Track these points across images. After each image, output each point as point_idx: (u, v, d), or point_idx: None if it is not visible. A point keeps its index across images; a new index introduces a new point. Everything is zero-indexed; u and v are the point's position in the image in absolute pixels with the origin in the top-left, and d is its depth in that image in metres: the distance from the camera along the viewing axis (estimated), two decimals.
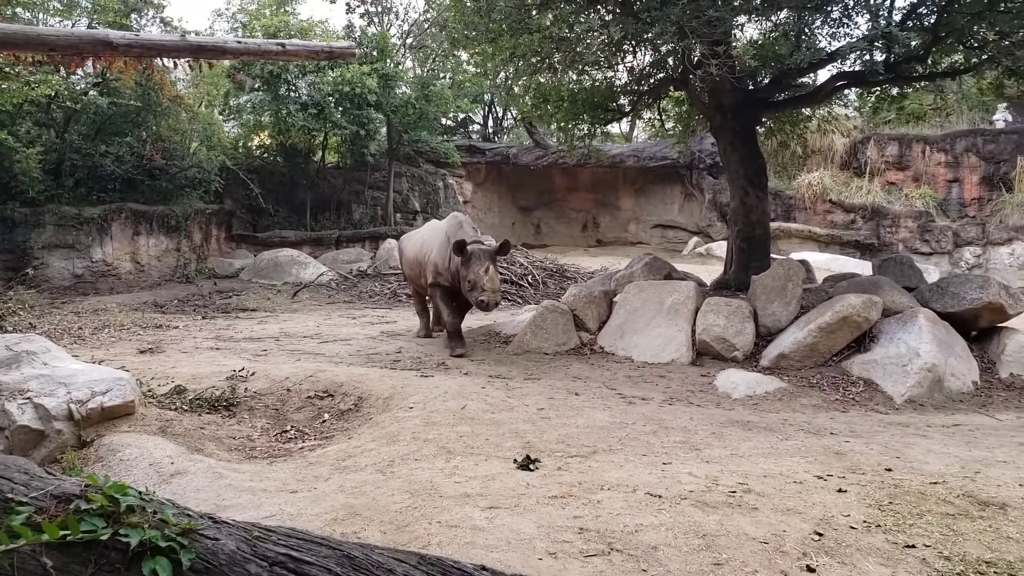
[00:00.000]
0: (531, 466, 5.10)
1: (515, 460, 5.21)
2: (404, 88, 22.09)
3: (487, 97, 28.50)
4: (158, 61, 5.95)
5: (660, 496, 4.53)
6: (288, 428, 6.74)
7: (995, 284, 9.50)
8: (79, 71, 15.93)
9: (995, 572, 3.65)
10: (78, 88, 18.61)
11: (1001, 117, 22.53)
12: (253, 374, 7.82)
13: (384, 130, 22.80)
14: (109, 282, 18.13)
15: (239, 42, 5.83)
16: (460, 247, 9.37)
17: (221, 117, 22.89)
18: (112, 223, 18.49)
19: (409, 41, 25.78)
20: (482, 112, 31.43)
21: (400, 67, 22.83)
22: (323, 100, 19.66)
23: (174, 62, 5.94)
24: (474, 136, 30.70)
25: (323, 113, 19.71)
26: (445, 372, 8.76)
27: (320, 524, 4.02)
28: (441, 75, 23.89)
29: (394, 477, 4.90)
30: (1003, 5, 8.90)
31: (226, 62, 17.66)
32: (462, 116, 30.26)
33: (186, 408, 6.82)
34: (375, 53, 21.06)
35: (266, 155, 23.26)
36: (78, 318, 13.15)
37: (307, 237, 21.64)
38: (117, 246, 18.62)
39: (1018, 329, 9.70)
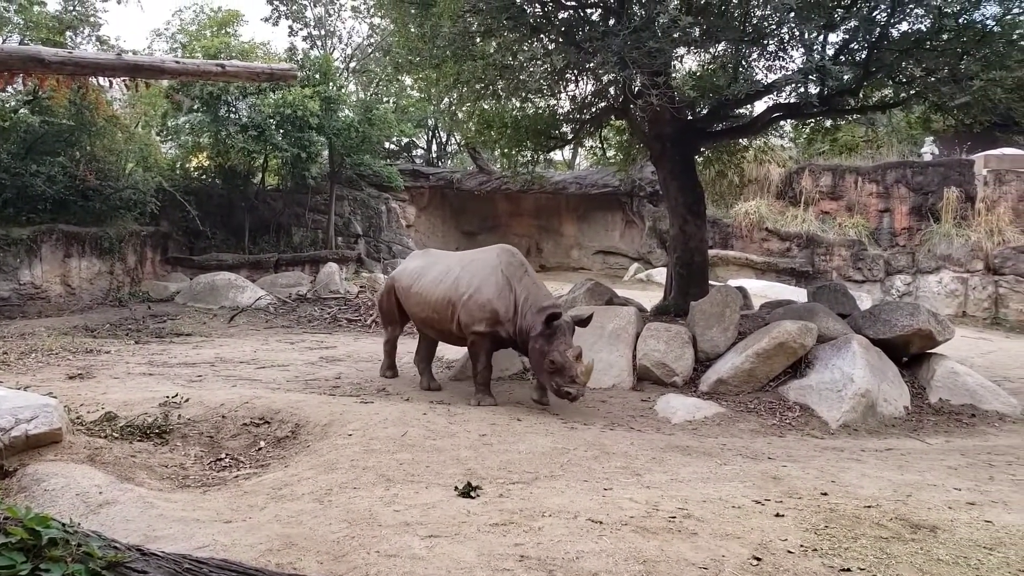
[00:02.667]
0: (472, 493, 5.05)
1: (456, 487, 5.15)
2: (347, 111, 21.99)
3: (431, 122, 28.56)
4: (93, 80, 5.81)
5: (601, 522, 4.52)
6: (223, 456, 6.56)
7: (925, 311, 9.81)
8: (9, 88, 15.47)
9: None
10: (8, 105, 18.07)
11: (928, 150, 23.38)
12: (187, 400, 7.61)
13: (326, 153, 22.65)
14: (38, 305, 17.52)
15: (178, 62, 5.74)
16: (553, 318, 7.82)
17: (158, 138, 22.46)
18: (42, 245, 17.91)
19: (352, 65, 25.71)
20: (426, 137, 31.46)
21: (343, 90, 22.74)
22: (264, 122, 19.46)
23: (110, 81, 5.81)
24: (418, 161, 30.68)
25: (264, 135, 19.50)
26: (386, 398, 8.66)
27: (255, 555, 3.91)
28: (385, 99, 23.87)
29: (332, 506, 4.80)
30: (929, 43, 9.27)
31: (164, 82, 17.38)
32: (406, 140, 30.26)
33: (116, 436, 6.59)
34: (317, 76, 20.94)
35: (204, 177, 22.88)
36: (3, 343, 12.67)
37: (245, 260, 21.28)
38: (47, 268, 18.03)
39: (946, 355, 10.01)
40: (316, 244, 23.03)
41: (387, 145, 27.32)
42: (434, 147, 31.80)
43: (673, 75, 10.75)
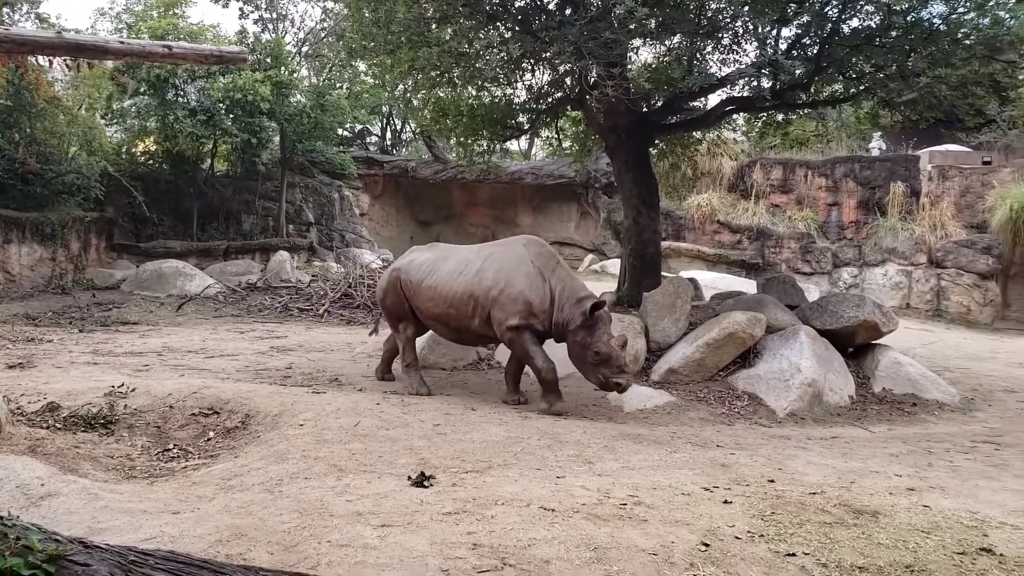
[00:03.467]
0: (425, 483, 5.04)
1: (409, 477, 5.14)
2: (299, 97, 21.67)
3: (385, 109, 28.28)
4: (32, 59, 5.64)
5: (553, 510, 4.55)
6: (171, 447, 6.45)
7: (870, 303, 10.03)
8: None
9: None
10: None
11: (876, 145, 23.89)
12: (133, 390, 7.46)
13: (277, 139, 22.31)
14: None
15: (122, 42, 5.60)
16: (597, 307, 7.54)
17: (103, 121, 21.87)
18: None
19: (305, 49, 25.34)
20: (380, 124, 31.16)
21: (295, 75, 22.40)
22: (213, 106, 19.09)
23: (49, 60, 5.64)
24: (372, 148, 30.39)
25: (213, 120, 19.13)
26: (338, 388, 8.59)
27: (203, 546, 3.86)
28: (338, 85, 23.57)
29: (283, 496, 4.76)
30: (878, 40, 9.45)
31: (109, 63, 16.93)
32: (359, 127, 29.92)
33: (59, 426, 6.44)
34: (269, 60, 20.60)
35: (151, 162, 22.38)
36: None
37: (194, 248, 20.89)
38: None
39: (890, 346, 10.26)
40: (267, 232, 22.70)
41: (340, 132, 26.97)
42: (388, 134, 31.53)
43: (629, 67, 10.79)
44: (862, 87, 10.48)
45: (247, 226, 22.75)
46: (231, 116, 19.48)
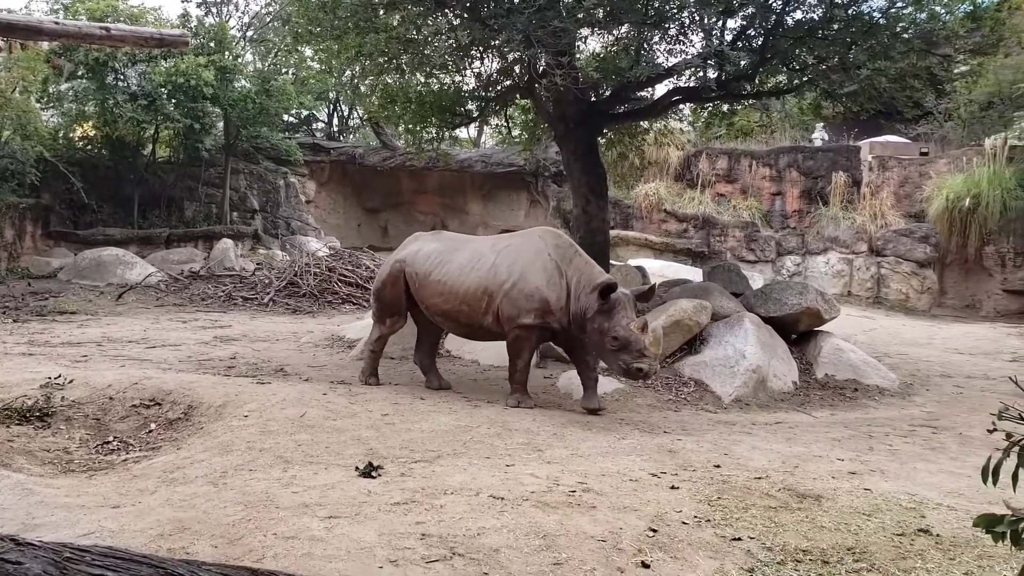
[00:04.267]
0: (373, 473, 5.00)
1: (357, 467, 5.10)
2: (243, 82, 21.24)
3: (332, 95, 27.89)
4: None
5: (503, 498, 4.55)
6: (110, 439, 6.30)
7: (813, 291, 10.24)
8: None
9: (810, 559, 3.91)
10: None
11: (819, 136, 24.32)
12: (71, 382, 7.25)
13: (221, 124, 21.85)
14: None
15: (57, 23, 5.41)
16: (609, 289, 7.12)
17: (39, 105, 21.16)
18: None
19: (250, 34, 24.85)
20: (327, 110, 30.73)
21: (239, 60, 21.95)
22: (155, 91, 18.61)
23: None
24: (318, 134, 29.95)
25: (154, 105, 18.65)
26: (284, 379, 8.48)
27: (144, 540, 3.77)
28: (283, 70, 23.17)
29: (227, 488, 4.68)
30: (821, 32, 9.61)
31: (44, 44, 16.39)
32: (305, 113, 29.45)
33: None
34: (212, 44, 20.14)
35: (90, 147, 21.73)
36: None
37: (134, 235, 20.38)
38: None
39: (832, 333, 10.48)
40: (210, 219, 22.24)
41: (286, 118, 26.52)
42: (335, 121, 31.11)
43: (577, 56, 10.80)
44: (805, 78, 10.66)
45: (190, 213, 22.27)
46: (173, 101, 19.02)
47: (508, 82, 11.46)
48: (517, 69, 10.76)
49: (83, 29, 5.65)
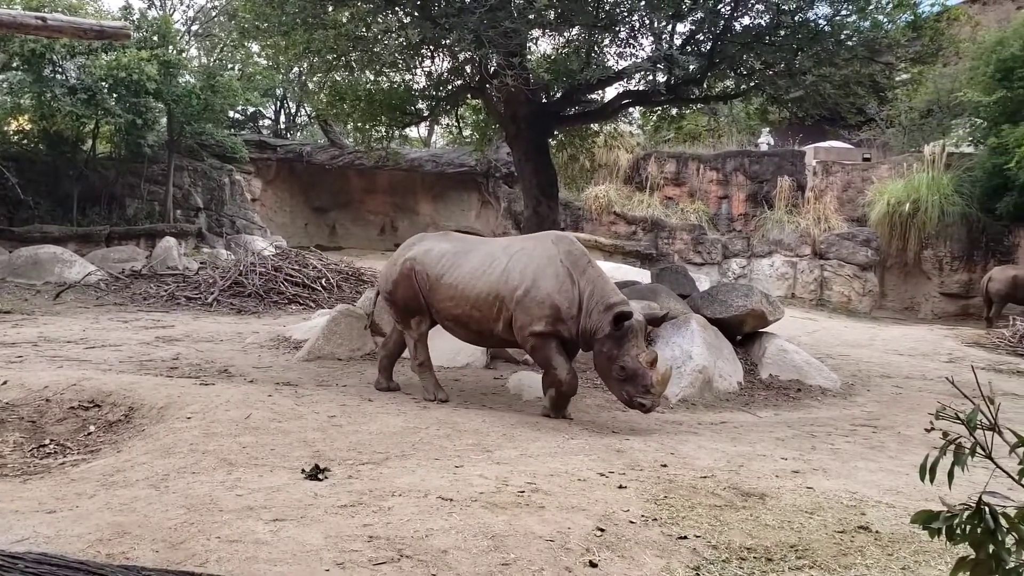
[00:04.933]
0: (320, 475, 4.93)
1: (303, 470, 5.02)
2: (188, 77, 20.82)
3: (279, 91, 27.52)
4: None
5: (451, 499, 4.52)
6: (47, 442, 6.10)
7: (758, 293, 10.41)
8: None
9: (755, 557, 3.95)
10: None
11: (765, 140, 24.79)
12: (5, 383, 7.01)
13: (164, 120, 21.39)
14: None
15: None
16: (623, 317, 6.82)
17: None
18: None
19: (195, 28, 24.39)
20: (274, 107, 30.34)
21: (184, 55, 21.51)
22: (95, 85, 18.10)
23: None
24: (265, 131, 29.54)
25: (94, 99, 18.15)
26: (228, 380, 8.31)
27: (82, 546, 3.66)
28: (229, 66, 22.78)
29: (169, 492, 4.56)
30: (768, 38, 9.78)
31: None
32: (252, 110, 29.04)
33: None
34: (155, 38, 19.70)
35: (26, 141, 21.07)
36: None
37: (73, 233, 19.80)
38: None
39: (777, 334, 10.66)
40: (152, 217, 21.75)
41: (232, 114, 26.11)
42: (282, 118, 30.73)
43: (528, 57, 10.83)
44: (752, 83, 10.85)
45: (131, 211, 21.74)
46: (114, 95, 18.54)
47: (459, 82, 11.44)
48: (468, 69, 10.75)
49: (17, 18, 5.45)
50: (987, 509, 1.97)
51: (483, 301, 7.40)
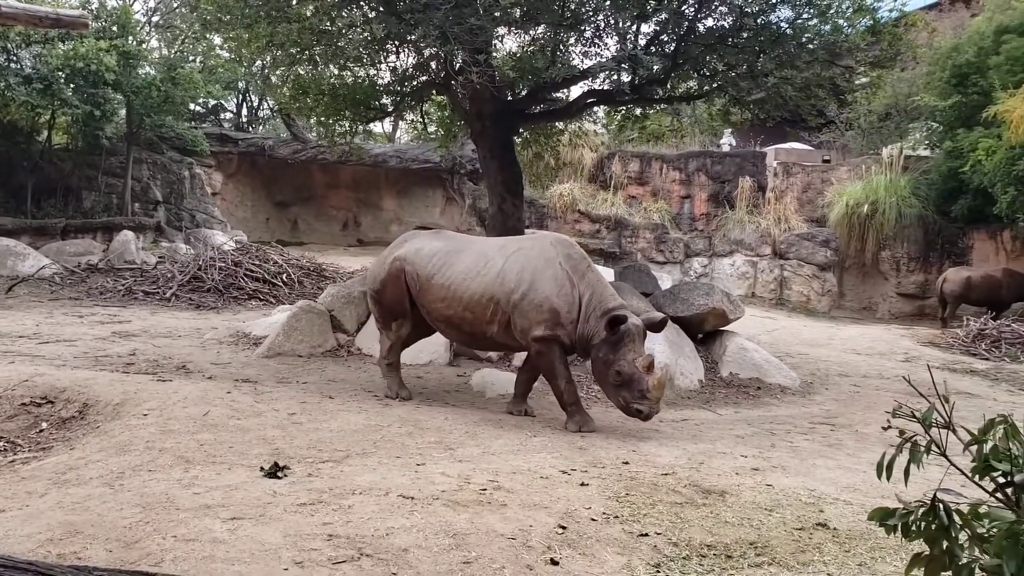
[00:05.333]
0: (279, 473, 4.88)
1: (262, 468, 4.96)
2: (148, 69, 20.45)
3: (242, 85, 27.16)
4: None
5: (413, 498, 4.50)
6: None
7: (719, 292, 10.51)
8: None
9: (715, 554, 3.99)
10: None
11: (727, 141, 25.05)
12: None
13: (123, 112, 20.99)
14: None
15: None
16: (617, 321, 6.65)
17: None
18: None
19: (155, 19, 23.97)
20: (236, 100, 29.94)
21: (144, 46, 21.11)
22: (51, 75, 17.69)
23: None
24: (226, 125, 29.14)
25: (51, 89, 17.74)
26: (186, 376, 8.19)
27: (32, 546, 3.58)
28: (191, 58, 22.43)
29: (124, 490, 4.48)
30: (731, 40, 9.87)
31: None
32: (213, 103, 28.61)
33: None
34: (115, 28, 19.31)
35: None
36: None
37: (27, 225, 19.35)
38: None
39: (737, 333, 10.78)
40: (110, 210, 21.33)
41: (193, 107, 25.70)
42: (244, 111, 30.33)
43: (494, 54, 10.80)
44: (715, 85, 10.94)
45: (88, 203, 21.31)
46: (71, 86, 18.14)
47: (424, 77, 11.38)
48: (433, 65, 10.70)
49: None
50: (941, 506, 2.01)
51: (476, 303, 7.19)
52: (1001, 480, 2.02)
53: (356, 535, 3.91)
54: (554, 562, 3.76)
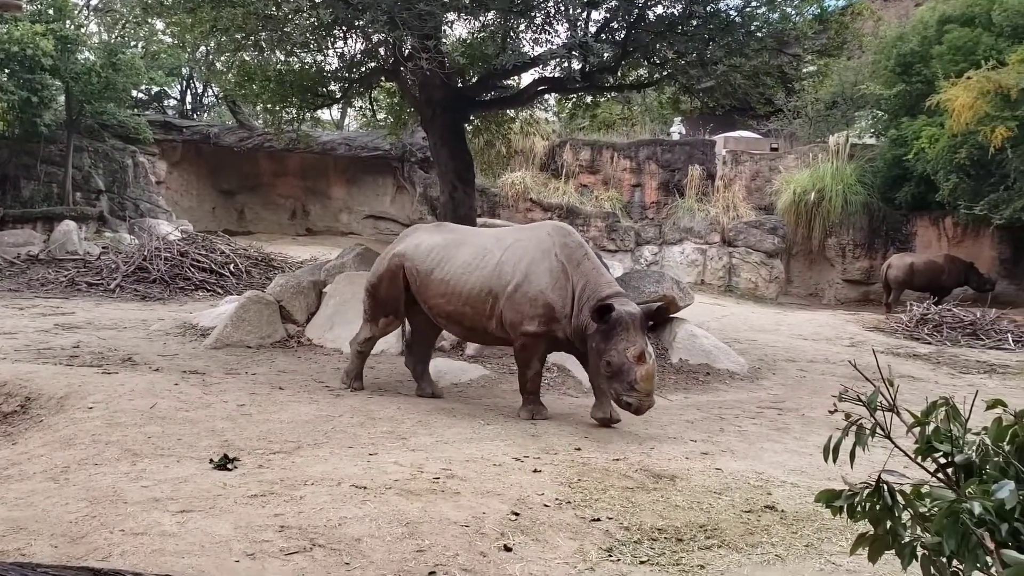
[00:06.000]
0: (229, 465, 4.81)
1: (211, 460, 4.89)
2: (87, 54, 19.90)
3: (185, 71, 26.59)
4: None
5: (365, 487, 4.48)
6: None
7: (669, 279, 10.62)
8: None
9: (665, 537, 4.04)
10: None
11: (677, 130, 25.25)
12: None
13: (63, 98, 20.40)
14: None
15: None
16: (605, 310, 6.29)
17: None
18: None
19: (94, 3, 23.30)
20: (180, 87, 29.29)
21: (83, 30, 20.54)
22: None
23: None
24: (170, 112, 28.51)
25: None
26: (132, 369, 8.03)
27: None
28: (132, 43, 21.87)
29: (69, 484, 4.39)
30: (680, 28, 9.93)
31: None
32: (156, 89, 27.94)
33: None
34: (51, 11, 18.76)
35: None
36: None
37: None
38: None
39: (687, 319, 10.90)
40: (50, 199, 20.73)
41: (135, 94, 25.07)
42: (189, 98, 29.71)
43: (444, 41, 10.73)
44: (665, 73, 11.01)
45: (27, 193, 20.69)
46: (6, 71, 17.59)
47: (373, 64, 11.26)
48: (382, 51, 10.59)
49: None
50: (885, 487, 2.05)
51: (475, 297, 6.95)
52: (942, 461, 2.07)
53: (308, 526, 3.87)
54: (507, 548, 3.77)
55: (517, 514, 4.22)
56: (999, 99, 15.20)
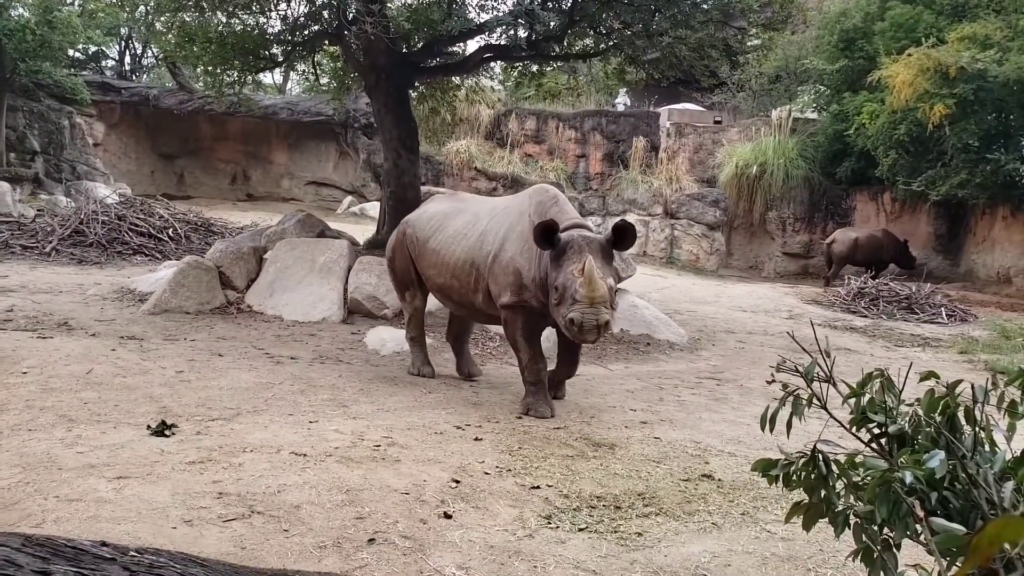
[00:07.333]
0: (167, 432, 4.77)
1: (149, 426, 4.84)
2: (21, 10, 19.14)
3: (124, 31, 25.76)
4: None
5: (305, 455, 4.49)
6: None
7: None
8: None
9: (604, 505, 4.14)
10: None
11: (622, 101, 25.35)
12: None
13: None
14: None
15: None
16: (547, 231, 5.44)
17: None
18: None
19: None
20: (118, 47, 28.37)
21: None
22: None
23: None
24: (108, 73, 27.63)
25: None
26: (68, 333, 7.85)
27: None
28: (69, 1, 21.09)
29: (2, 451, 4.31)
30: None
31: None
32: (94, 49, 27.05)
33: None
34: None
35: None
36: None
37: None
38: None
39: (628, 290, 11.03)
40: None
41: (72, 53, 24.22)
42: (128, 59, 28.81)
43: (389, 5, 10.57)
44: (611, 43, 11.03)
45: None
46: None
47: (316, 27, 11.03)
48: (326, 14, 10.38)
49: None
50: (820, 457, 2.11)
51: (460, 269, 6.44)
52: (876, 431, 2.13)
53: (247, 492, 3.88)
54: (447, 515, 3.83)
55: (458, 482, 4.28)
56: (938, 77, 15.56)
